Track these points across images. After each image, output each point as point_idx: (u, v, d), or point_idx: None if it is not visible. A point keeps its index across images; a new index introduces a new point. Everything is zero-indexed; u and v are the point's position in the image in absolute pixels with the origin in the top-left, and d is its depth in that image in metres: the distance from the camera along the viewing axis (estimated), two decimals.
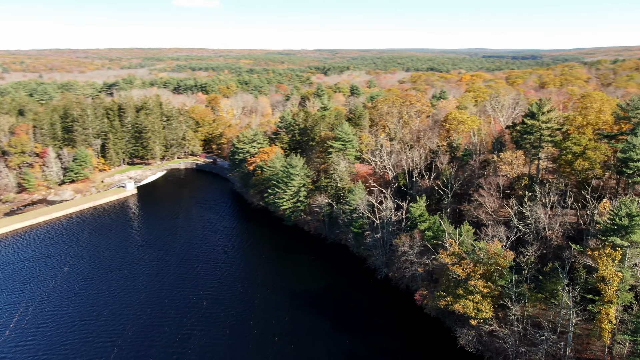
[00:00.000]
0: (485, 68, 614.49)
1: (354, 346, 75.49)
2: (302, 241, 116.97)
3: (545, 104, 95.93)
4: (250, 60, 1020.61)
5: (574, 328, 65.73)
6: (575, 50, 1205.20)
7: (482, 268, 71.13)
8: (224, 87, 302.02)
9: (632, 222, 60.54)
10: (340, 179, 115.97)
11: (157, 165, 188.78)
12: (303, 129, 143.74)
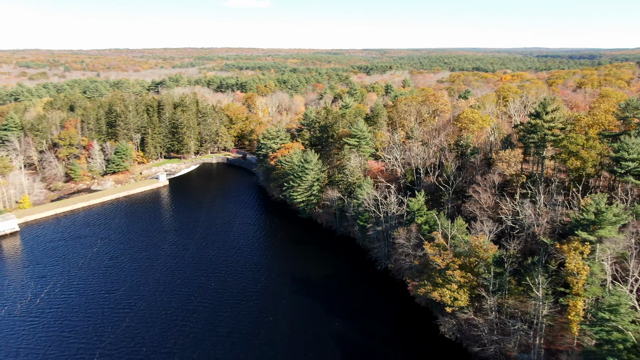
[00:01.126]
0: (534, 68, 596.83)
1: (342, 329, 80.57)
2: (313, 233, 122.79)
3: (549, 104, 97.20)
4: (297, 59, 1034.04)
5: (547, 320, 68.21)
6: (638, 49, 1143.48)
7: (461, 259, 74.42)
8: (262, 86, 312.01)
9: (600, 218, 62.47)
10: (351, 175, 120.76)
11: (191, 159, 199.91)
12: (323, 126, 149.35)
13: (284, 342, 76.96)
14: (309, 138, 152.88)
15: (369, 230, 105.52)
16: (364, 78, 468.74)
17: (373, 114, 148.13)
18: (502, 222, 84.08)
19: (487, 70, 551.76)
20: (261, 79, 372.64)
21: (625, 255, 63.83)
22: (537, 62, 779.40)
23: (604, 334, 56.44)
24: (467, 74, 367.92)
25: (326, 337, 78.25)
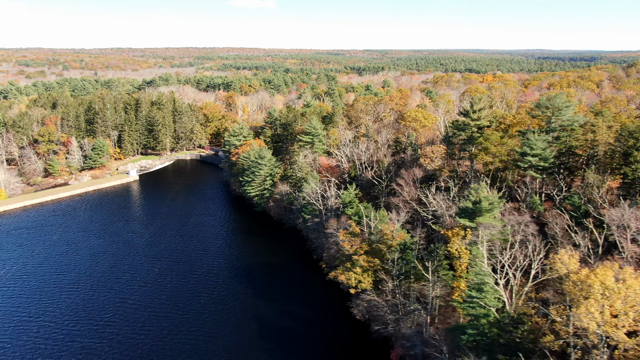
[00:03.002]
0: (526, 70, 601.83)
1: (265, 310, 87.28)
2: (264, 225, 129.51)
3: (476, 103, 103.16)
4: (297, 60, 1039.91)
5: (439, 300, 74.48)
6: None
7: (370, 246, 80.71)
8: (246, 86, 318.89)
9: (477, 208, 68.62)
10: (300, 170, 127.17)
11: (166, 156, 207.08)
12: (284, 124, 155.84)
13: (210, 320, 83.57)
14: (270, 135, 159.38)
15: (309, 221, 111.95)
16: (355, 78, 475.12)
17: (331, 113, 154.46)
18: (419, 212, 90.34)
19: (478, 72, 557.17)
20: (247, 78, 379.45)
21: (506, 240, 69.78)
22: (532, 64, 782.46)
23: (470, 309, 62.80)
24: (451, 75, 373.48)
25: (250, 318, 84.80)
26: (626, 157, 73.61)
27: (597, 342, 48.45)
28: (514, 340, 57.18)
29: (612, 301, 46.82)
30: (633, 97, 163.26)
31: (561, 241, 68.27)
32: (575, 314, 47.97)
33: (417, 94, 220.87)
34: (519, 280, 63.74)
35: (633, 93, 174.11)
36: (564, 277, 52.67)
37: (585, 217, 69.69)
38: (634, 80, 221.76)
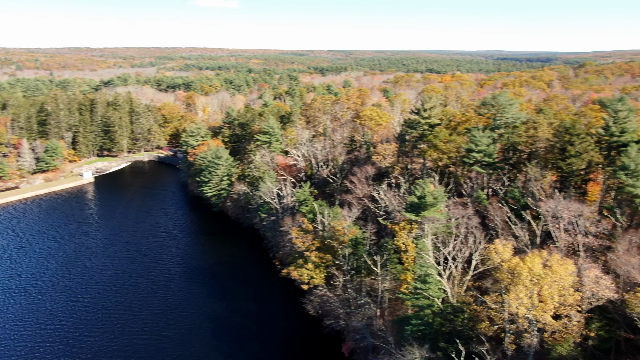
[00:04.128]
0: (485, 70, 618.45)
1: (220, 309, 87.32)
2: (222, 225, 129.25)
3: (427, 102, 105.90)
4: (260, 60, 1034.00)
5: (388, 293, 76.44)
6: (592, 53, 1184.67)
7: (322, 242, 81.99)
8: (207, 86, 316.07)
9: (422, 202, 70.82)
10: (257, 169, 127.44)
11: (123, 158, 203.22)
12: (242, 124, 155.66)
13: (164, 320, 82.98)
14: (229, 135, 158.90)
15: (265, 220, 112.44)
16: (317, 78, 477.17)
17: (289, 113, 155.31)
18: (371, 209, 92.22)
19: (439, 72, 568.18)
20: (209, 78, 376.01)
21: (451, 233, 72.26)
22: (491, 65, 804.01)
23: (415, 300, 64.82)
24: (412, 75, 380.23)
25: (205, 317, 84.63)
26: (562, 152, 77.35)
27: (528, 326, 51.08)
28: (455, 328, 59.51)
29: (540, 287, 49.47)
30: (580, 96, 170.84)
31: (502, 233, 71.22)
32: (508, 300, 50.41)
33: (377, 94, 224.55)
34: (460, 270, 66.29)
35: (579, 92, 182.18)
36: (498, 266, 55.22)
37: (524, 209, 72.87)
38: (581, 80, 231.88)
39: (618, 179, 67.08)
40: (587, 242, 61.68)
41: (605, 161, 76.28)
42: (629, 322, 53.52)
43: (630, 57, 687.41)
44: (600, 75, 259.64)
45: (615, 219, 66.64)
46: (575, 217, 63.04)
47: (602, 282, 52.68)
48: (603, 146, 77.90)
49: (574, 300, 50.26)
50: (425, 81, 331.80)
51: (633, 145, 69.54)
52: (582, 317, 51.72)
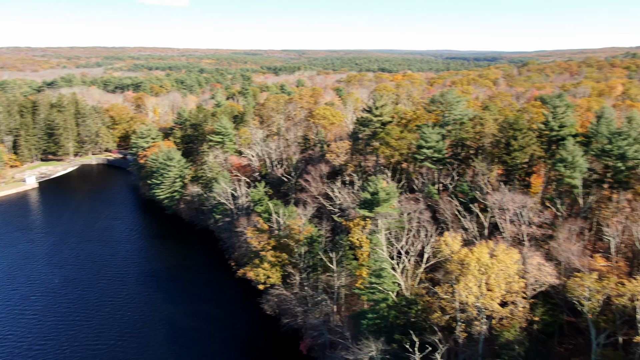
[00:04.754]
0: (435, 69, 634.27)
1: (176, 313, 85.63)
2: (176, 227, 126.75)
3: (378, 100, 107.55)
4: (212, 60, 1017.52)
5: (344, 289, 77.32)
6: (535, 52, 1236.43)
7: (278, 241, 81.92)
8: (157, 86, 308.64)
9: (375, 198, 72.08)
10: (210, 170, 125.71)
11: (69, 161, 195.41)
12: (194, 124, 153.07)
13: (118, 327, 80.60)
14: (181, 136, 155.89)
15: (220, 221, 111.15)
16: (271, 78, 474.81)
17: (242, 112, 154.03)
18: (325, 206, 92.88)
19: (391, 71, 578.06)
20: (159, 78, 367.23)
21: (403, 227, 73.87)
22: (440, 64, 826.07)
23: (371, 295, 65.88)
24: (364, 75, 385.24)
25: (161, 322, 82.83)
26: (507, 147, 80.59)
27: (477, 314, 53.05)
28: (409, 320, 60.94)
29: (487, 276, 51.47)
30: (523, 93, 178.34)
31: (452, 225, 73.49)
32: (458, 290, 52.15)
33: (330, 93, 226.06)
34: (413, 264, 67.96)
35: (522, 89, 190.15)
36: (449, 258, 57.02)
37: (473, 202, 75.46)
38: (524, 78, 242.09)
39: (557, 171, 70.65)
40: (531, 232, 64.60)
41: (546, 154, 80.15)
42: (570, 306, 56.51)
43: (569, 56, 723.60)
44: (541, 73, 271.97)
45: (556, 209, 70.19)
46: (520, 208, 65.88)
47: (544, 269, 55.44)
48: (544, 140, 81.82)
49: (519, 287, 52.62)
50: (377, 80, 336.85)
51: (570, 138, 73.43)
52: (527, 303, 54.21)
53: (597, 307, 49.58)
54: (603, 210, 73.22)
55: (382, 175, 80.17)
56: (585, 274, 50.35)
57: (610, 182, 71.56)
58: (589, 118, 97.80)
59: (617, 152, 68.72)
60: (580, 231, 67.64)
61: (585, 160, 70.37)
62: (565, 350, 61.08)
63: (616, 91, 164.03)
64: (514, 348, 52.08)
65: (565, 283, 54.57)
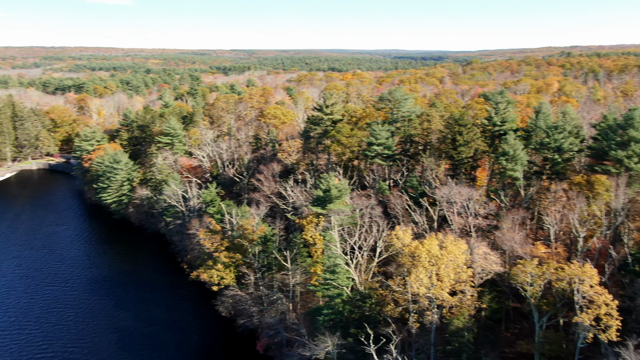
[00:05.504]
0: (383, 68, 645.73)
1: (129, 320, 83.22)
2: (125, 232, 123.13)
3: (329, 98, 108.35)
4: (159, 60, 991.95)
5: (299, 287, 77.65)
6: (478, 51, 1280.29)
7: (228, 241, 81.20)
8: (101, 87, 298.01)
9: (328, 195, 72.84)
10: (160, 172, 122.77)
11: (6, 167, 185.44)
12: (142, 126, 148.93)
13: (66, 336, 77.45)
14: (127, 138, 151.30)
15: (171, 224, 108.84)
16: (220, 78, 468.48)
17: (191, 113, 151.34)
18: (279, 205, 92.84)
19: (340, 70, 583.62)
20: (103, 79, 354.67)
21: (356, 223, 74.99)
22: (389, 63, 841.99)
23: (325, 291, 66.50)
24: (314, 74, 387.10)
25: (112, 329, 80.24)
26: (453, 142, 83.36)
27: (428, 304, 54.70)
28: (364, 313, 62.01)
29: (437, 267, 53.16)
30: (467, 90, 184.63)
31: (402, 220, 75.28)
32: (409, 282, 53.57)
33: (281, 92, 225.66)
34: (366, 258, 69.16)
35: (467, 87, 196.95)
36: (400, 251, 58.44)
37: (422, 196, 77.61)
38: (469, 76, 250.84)
39: (500, 164, 73.84)
40: (477, 223, 67.19)
41: (489, 149, 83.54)
42: (515, 293, 59.24)
43: (509, 55, 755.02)
44: (484, 71, 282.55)
45: (500, 201, 73.36)
46: (466, 201, 68.37)
47: (490, 258, 57.87)
48: (487, 135, 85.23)
49: (467, 276, 54.68)
50: (327, 79, 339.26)
51: (511, 133, 76.85)
52: (475, 291, 56.34)
53: (538, 291, 52.24)
54: (543, 200, 77.24)
55: (334, 173, 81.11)
56: (527, 261, 52.95)
57: (549, 173, 75.50)
58: (528, 113, 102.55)
59: (554, 145, 72.56)
60: (523, 221, 70.99)
61: (525, 154, 73.95)
62: (512, 335, 64.03)
63: (553, 88, 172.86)
64: (464, 335, 54.07)
65: (509, 270, 57.13)
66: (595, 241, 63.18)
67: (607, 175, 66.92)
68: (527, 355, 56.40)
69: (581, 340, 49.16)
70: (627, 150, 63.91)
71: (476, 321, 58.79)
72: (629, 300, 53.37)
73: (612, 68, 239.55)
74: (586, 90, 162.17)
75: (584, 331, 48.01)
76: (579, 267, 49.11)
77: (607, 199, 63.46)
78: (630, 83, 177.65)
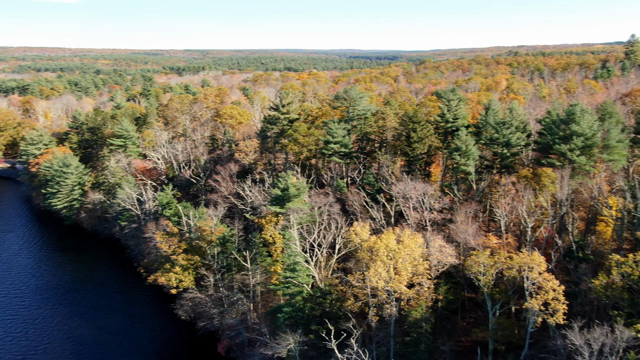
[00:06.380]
0: (339, 68, 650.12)
1: (84, 328, 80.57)
2: (77, 238, 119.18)
3: (285, 98, 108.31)
4: (110, 60, 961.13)
5: (260, 287, 77.48)
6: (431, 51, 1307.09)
7: (186, 243, 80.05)
8: (47, 89, 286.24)
9: (286, 194, 73.02)
10: (113, 175, 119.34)
11: None
12: (92, 128, 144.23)
13: (16, 349, 74.20)
14: (77, 141, 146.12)
15: (126, 228, 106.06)
16: (174, 79, 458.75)
17: (144, 114, 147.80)
18: (237, 206, 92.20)
19: (296, 70, 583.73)
20: (49, 80, 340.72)
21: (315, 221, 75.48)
22: (345, 63, 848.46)
23: (286, 289, 66.63)
24: (270, 74, 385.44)
25: (66, 339, 77.58)
26: (408, 139, 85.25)
27: (387, 298, 55.88)
28: (325, 310, 62.62)
29: (395, 261, 54.38)
30: (421, 89, 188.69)
31: (360, 216, 76.42)
32: (368, 277, 54.54)
33: (237, 92, 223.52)
34: (326, 255, 69.82)
35: (420, 85, 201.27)
36: (359, 247, 59.40)
37: (379, 193, 79.02)
38: (422, 75, 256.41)
39: (453, 159, 76.19)
40: (432, 217, 69.04)
41: (443, 145, 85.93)
42: (470, 283, 61.37)
43: (461, 54, 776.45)
44: (437, 70, 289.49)
45: (454, 195, 75.68)
46: (422, 196, 70.09)
47: (445, 250, 59.69)
48: (440, 132, 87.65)
49: (424, 269, 56.23)
50: (283, 79, 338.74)
51: (463, 129, 79.40)
52: (432, 283, 58.02)
53: (491, 281, 54.35)
54: (494, 193, 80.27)
55: (291, 172, 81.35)
56: (480, 252, 54.96)
57: (499, 167, 78.53)
58: (478, 110, 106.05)
59: (502, 140, 75.50)
60: (475, 214, 73.52)
61: (477, 149, 76.61)
62: (467, 324, 66.26)
63: (501, 86, 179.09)
64: (422, 326, 55.56)
65: (464, 262, 59.13)
66: (542, 231, 66.17)
67: (552, 168, 70.31)
68: (482, 342, 58.50)
69: (531, 325, 51.54)
70: (569, 143, 67.26)
71: (433, 312, 60.52)
72: (573, 285, 56.35)
73: (555, 66, 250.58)
74: (532, 88, 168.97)
75: (534, 316, 50.35)
76: (527, 256, 51.41)
77: (552, 191, 66.68)
78: (572, 80, 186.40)
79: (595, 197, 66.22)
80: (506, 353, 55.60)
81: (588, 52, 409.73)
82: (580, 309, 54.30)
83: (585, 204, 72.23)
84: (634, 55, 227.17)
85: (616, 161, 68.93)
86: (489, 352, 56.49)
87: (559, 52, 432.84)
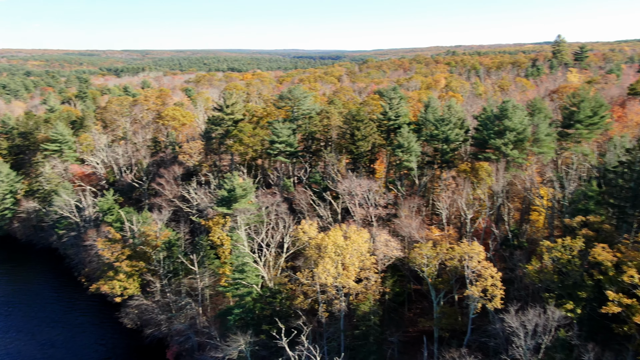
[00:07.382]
0: (283, 68, 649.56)
1: (21, 345, 76.45)
2: (10, 250, 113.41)
3: (229, 98, 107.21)
4: (41, 61, 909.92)
5: (209, 290, 76.48)
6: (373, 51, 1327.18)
7: (134, 250, 77.76)
8: None
9: (232, 195, 72.53)
10: (48, 182, 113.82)
11: None
12: (24, 133, 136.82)
13: None
14: (7, 147, 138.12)
15: (64, 237, 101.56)
16: (112, 80, 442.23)
17: (81, 117, 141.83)
18: (181, 208, 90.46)
19: (240, 70, 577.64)
20: None
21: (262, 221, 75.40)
22: (289, 63, 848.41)
23: (235, 291, 66.21)
24: (213, 74, 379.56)
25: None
26: (352, 137, 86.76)
27: (336, 293, 56.84)
28: (275, 309, 62.80)
29: (343, 256, 55.39)
30: (364, 88, 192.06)
31: (308, 214, 77.06)
32: (317, 273, 55.26)
33: (179, 93, 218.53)
34: (274, 255, 69.98)
35: (363, 84, 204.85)
36: (307, 244, 59.99)
37: (325, 191, 79.96)
38: (365, 74, 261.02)
39: (396, 156, 78.39)
40: (378, 213, 70.73)
41: (386, 142, 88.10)
42: (415, 275, 63.47)
43: (402, 54, 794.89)
44: (379, 70, 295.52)
45: (398, 190, 77.82)
46: (367, 192, 71.67)
47: (391, 244, 61.43)
48: (383, 129, 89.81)
49: (371, 263, 57.63)
50: (227, 79, 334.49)
51: (405, 127, 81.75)
52: (379, 277, 59.53)
53: (434, 271, 56.51)
54: (435, 187, 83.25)
55: (237, 173, 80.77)
56: (423, 244, 57.00)
57: (439, 162, 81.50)
58: (419, 108, 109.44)
59: (442, 136, 78.44)
60: (418, 208, 75.93)
61: (418, 145, 79.18)
62: (414, 315, 68.47)
63: (440, 84, 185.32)
64: (370, 319, 56.90)
65: (408, 255, 61.05)
66: (481, 221, 69.37)
67: (489, 161, 73.85)
68: (428, 331, 60.68)
69: (472, 311, 54.07)
70: (503, 138, 70.92)
71: (381, 305, 62.09)
72: (510, 271, 59.61)
73: (490, 65, 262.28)
74: (469, 86, 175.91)
75: (474, 302, 52.86)
76: (468, 246, 53.86)
77: (489, 183, 70.08)
78: (505, 78, 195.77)
79: (528, 188, 70.15)
80: (450, 340, 57.97)
81: (520, 51, 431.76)
82: (516, 293, 57.50)
83: (519, 195, 76.35)
84: (560, 55, 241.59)
85: (545, 153, 73.39)
86: (435, 340, 58.70)
87: (494, 52, 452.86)
